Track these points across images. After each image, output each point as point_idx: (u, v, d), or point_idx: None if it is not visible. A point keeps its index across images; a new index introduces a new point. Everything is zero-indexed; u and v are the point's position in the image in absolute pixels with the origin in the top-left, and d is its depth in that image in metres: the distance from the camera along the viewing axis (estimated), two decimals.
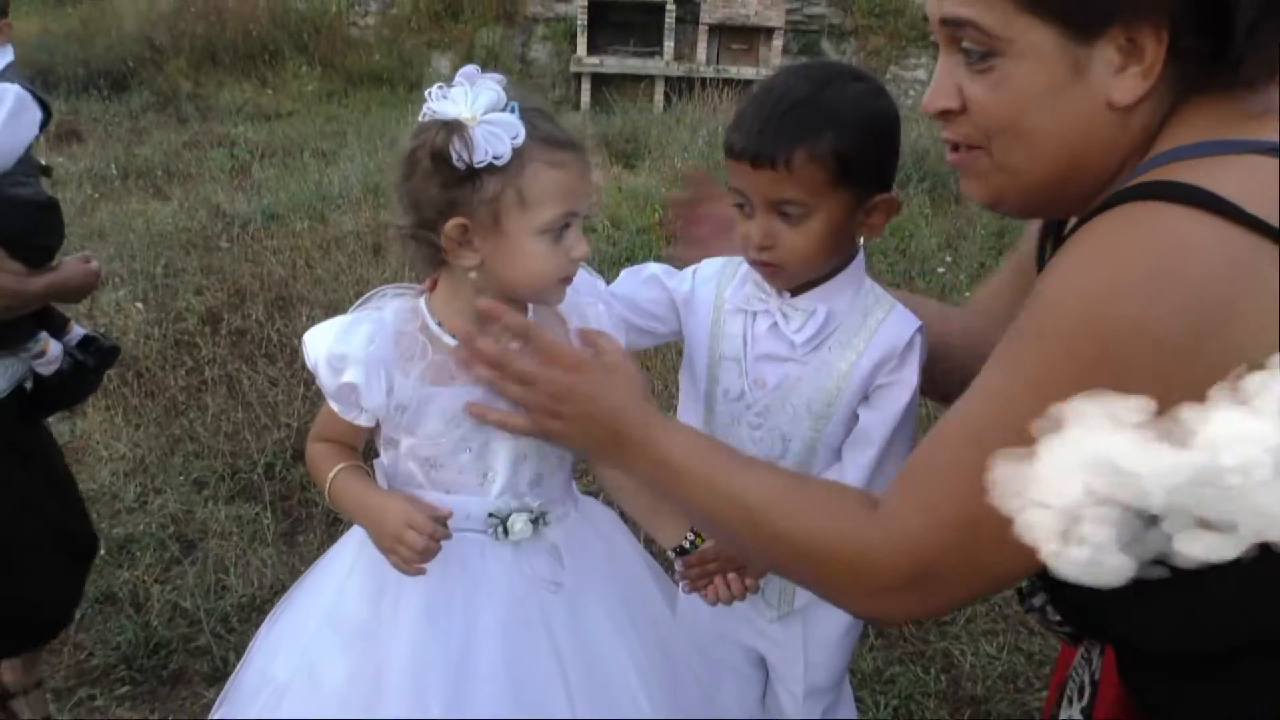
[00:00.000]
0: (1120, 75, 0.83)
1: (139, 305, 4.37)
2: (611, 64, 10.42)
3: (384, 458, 1.34)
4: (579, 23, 10.43)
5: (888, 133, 1.30)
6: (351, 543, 1.38)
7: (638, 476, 1.11)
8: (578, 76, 10.47)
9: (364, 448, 1.38)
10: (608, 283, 1.45)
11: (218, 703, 1.43)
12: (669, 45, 10.48)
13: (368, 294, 1.32)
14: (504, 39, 10.70)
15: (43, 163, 2.10)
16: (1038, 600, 0.97)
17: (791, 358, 1.38)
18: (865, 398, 1.37)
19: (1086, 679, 1.04)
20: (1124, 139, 0.86)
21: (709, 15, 10.37)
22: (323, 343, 1.23)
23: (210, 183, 6.46)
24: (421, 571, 1.22)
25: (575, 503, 1.42)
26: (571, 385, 1.10)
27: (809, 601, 1.49)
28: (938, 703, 2.39)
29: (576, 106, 10.23)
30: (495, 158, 1.11)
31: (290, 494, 3.13)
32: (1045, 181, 0.90)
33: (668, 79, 10.25)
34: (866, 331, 1.35)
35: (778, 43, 10.37)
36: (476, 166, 1.12)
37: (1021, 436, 0.71)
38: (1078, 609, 0.92)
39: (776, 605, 1.50)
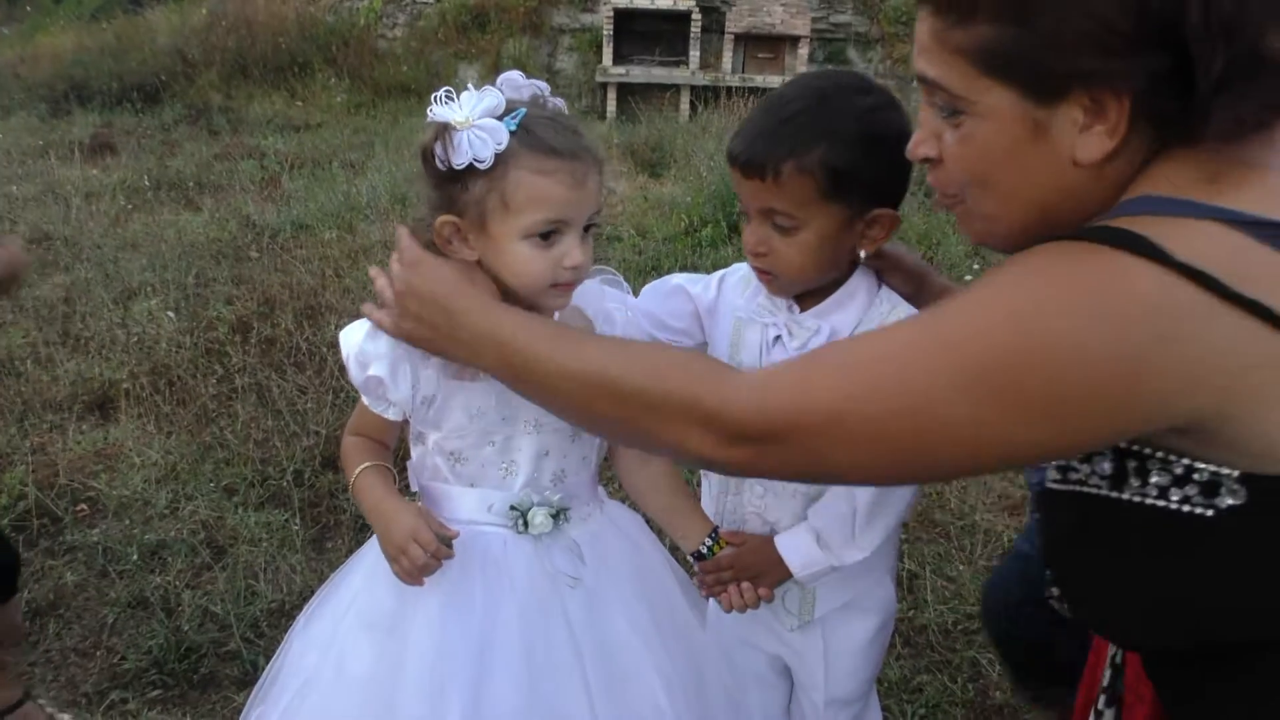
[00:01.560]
0: (1085, 134, 0.83)
1: (170, 314, 4.42)
2: (637, 73, 10.46)
3: (413, 453, 1.37)
4: (605, 33, 10.49)
5: (889, 148, 1.23)
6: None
7: (487, 369, 1.11)
8: (604, 86, 10.51)
9: (398, 449, 1.40)
10: (634, 293, 1.46)
11: (253, 699, 1.45)
12: (694, 54, 10.51)
13: None
14: (530, 49, 10.77)
15: None
16: (1056, 590, 0.98)
17: None
18: None
19: (1112, 687, 1.04)
20: (1097, 190, 0.86)
21: (734, 24, 10.39)
22: (354, 338, 1.27)
23: (240, 194, 6.54)
24: (419, 584, 1.24)
25: (601, 505, 1.43)
26: (406, 285, 1.15)
27: (830, 610, 1.48)
28: (965, 712, 2.37)
29: (602, 116, 10.27)
30: (477, 161, 1.14)
31: (319, 500, 3.15)
32: (1021, 229, 0.92)
33: (693, 88, 10.28)
34: None
35: (803, 51, 10.38)
36: (456, 169, 1.16)
37: (916, 375, 0.81)
38: (1081, 602, 0.92)
39: (797, 613, 1.50)
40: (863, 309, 1.34)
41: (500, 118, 1.16)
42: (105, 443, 3.47)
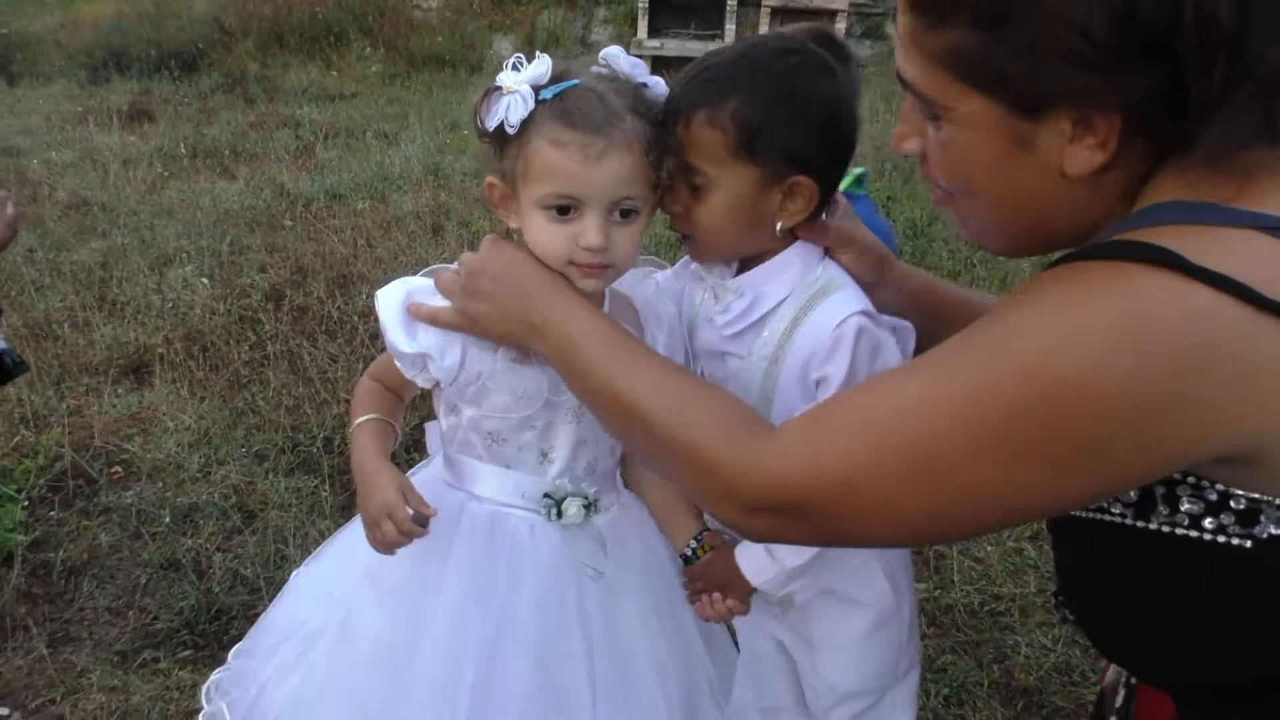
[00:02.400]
0: (1074, 146, 0.78)
1: (205, 281, 4.47)
2: (672, 47, 10.38)
3: (442, 422, 1.35)
4: (640, 5, 10.41)
5: (813, 113, 1.19)
6: None
7: (545, 357, 1.12)
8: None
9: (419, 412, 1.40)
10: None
11: (239, 647, 1.45)
12: (730, 28, 10.41)
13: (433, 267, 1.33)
14: (565, 22, 10.71)
15: None
16: (1071, 616, 0.94)
17: (726, 351, 1.31)
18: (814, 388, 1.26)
19: (1124, 684, 1.01)
20: (1094, 201, 0.81)
21: None
22: (395, 301, 1.24)
23: (275, 163, 6.57)
24: (391, 554, 1.24)
25: (618, 495, 1.42)
26: (480, 263, 1.16)
27: (809, 598, 1.43)
28: (990, 693, 2.36)
29: None
30: (507, 125, 1.14)
31: (349, 468, 3.14)
32: (1015, 236, 0.88)
33: None
34: (799, 319, 1.26)
35: (841, 25, 10.25)
36: (488, 129, 1.16)
37: (930, 442, 0.74)
38: (1104, 638, 0.88)
39: (779, 601, 1.45)
40: (794, 281, 1.27)
41: (545, 86, 1.15)
42: (140, 406, 3.51)
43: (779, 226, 1.24)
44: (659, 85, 1.22)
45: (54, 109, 8.02)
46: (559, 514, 1.30)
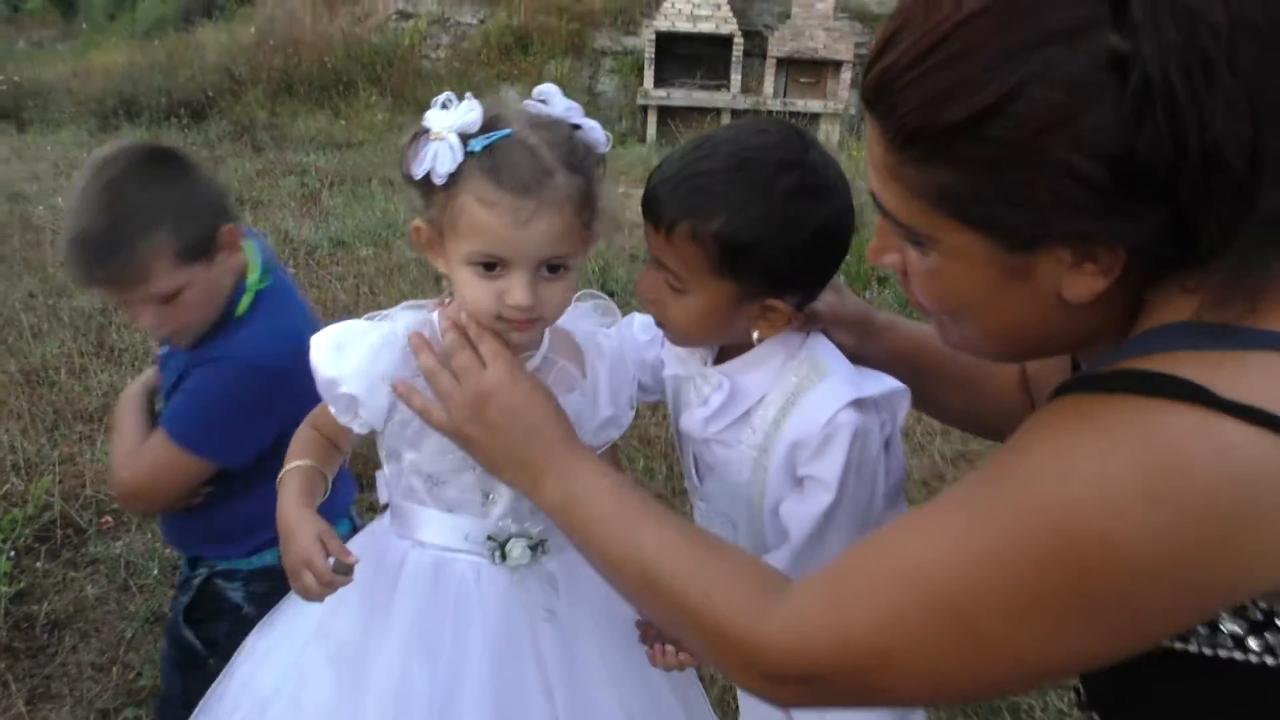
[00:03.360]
0: (1075, 272, 0.73)
1: None
2: (678, 96, 10.47)
3: (386, 469, 1.32)
4: (646, 56, 10.51)
5: (803, 240, 1.11)
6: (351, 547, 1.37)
7: (542, 506, 1.05)
8: (644, 109, 10.52)
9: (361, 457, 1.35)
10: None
11: (196, 711, 1.40)
12: (736, 79, 10.50)
13: (412, 302, 1.30)
14: (572, 71, 10.82)
15: None
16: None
17: (710, 437, 1.26)
18: (799, 485, 1.20)
19: None
20: (1092, 316, 0.76)
21: (777, 49, 10.37)
22: (325, 346, 1.21)
23: (280, 210, 6.59)
24: (319, 601, 1.19)
25: None
26: (495, 389, 1.09)
27: None
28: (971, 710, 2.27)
29: (643, 139, 10.28)
30: (436, 176, 1.10)
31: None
32: (1005, 350, 0.84)
33: (734, 112, 10.26)
34: (787, 409, 1.19)
35: (846, 76, 10.33)
36: (411, 177, 1.11)
37: (959, 603, 0.70)
38: None
39: None
40: (778, 370, 1.21)
41: (476, 135, 1.10)
42: None
43: (755, 336, 1.20)
44: (594, 130, 1.18)
45: (62, 155, 8.09)
46: (503, 556, 1.26)
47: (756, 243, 1.10)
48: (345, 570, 1.17)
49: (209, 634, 1.77)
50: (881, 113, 0.75)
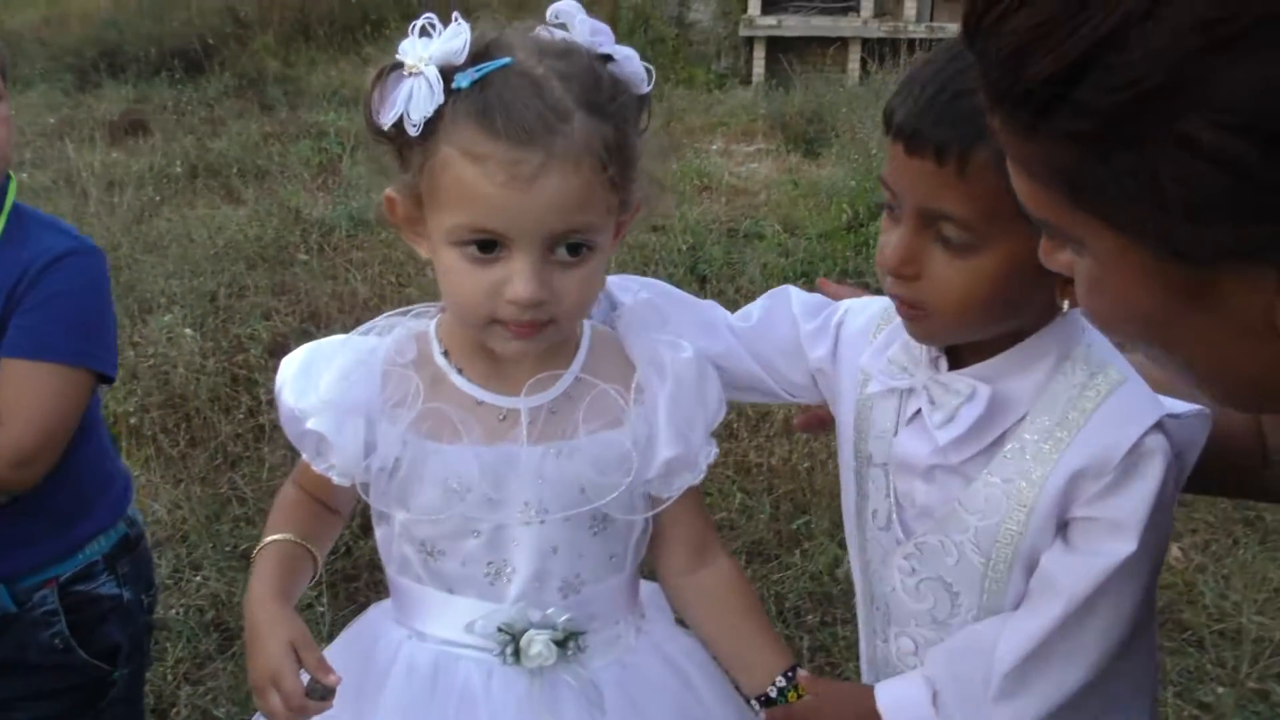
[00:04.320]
0: None
1: (189, 332, 4.51)
2: (793, 24, 10.36)
3: (377, 534, 1.30)
4: None
5: None
6: (339, 644, 1.36)
7: None
8: (749, 41, 10.44)
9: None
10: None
11: None
12: (868, 1, 10.35)
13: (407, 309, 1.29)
14: None
15: None
16: None
17: (942, 464, 1.18)
18: (1063, 530, 1.14)
19: None
20: None
21: None
22: (295, 369, 1.21)
23: (291, 182, 6.71)
24: None
25: (639, 623, 1.32)
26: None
27: None
28: None
29: (747, 79, 10.19)
30: (409, 124, 1.04)
31: (356, 573, 3.13)
32: (1234, 398, 0.79)
33: (865, 41, 10.11)
34: (1068, 426, 1.12)
35: None
36: (379, 125, 1.07)
37: None
38: None
39: None
40: (1044, 380, 1.14)
41: (462, 67, 1.05)
42: None
43: (1064, 307, 1.11)
44: (630, 60, 1.13)
45: (31, 120, 8.34)
46: (517, 654, 1.20)
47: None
48: (323, 694, 1.13)
49: (103, 646, 1.82)
50: (977, 57, 0.70)
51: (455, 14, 1.08)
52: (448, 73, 1.05)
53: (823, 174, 6.81)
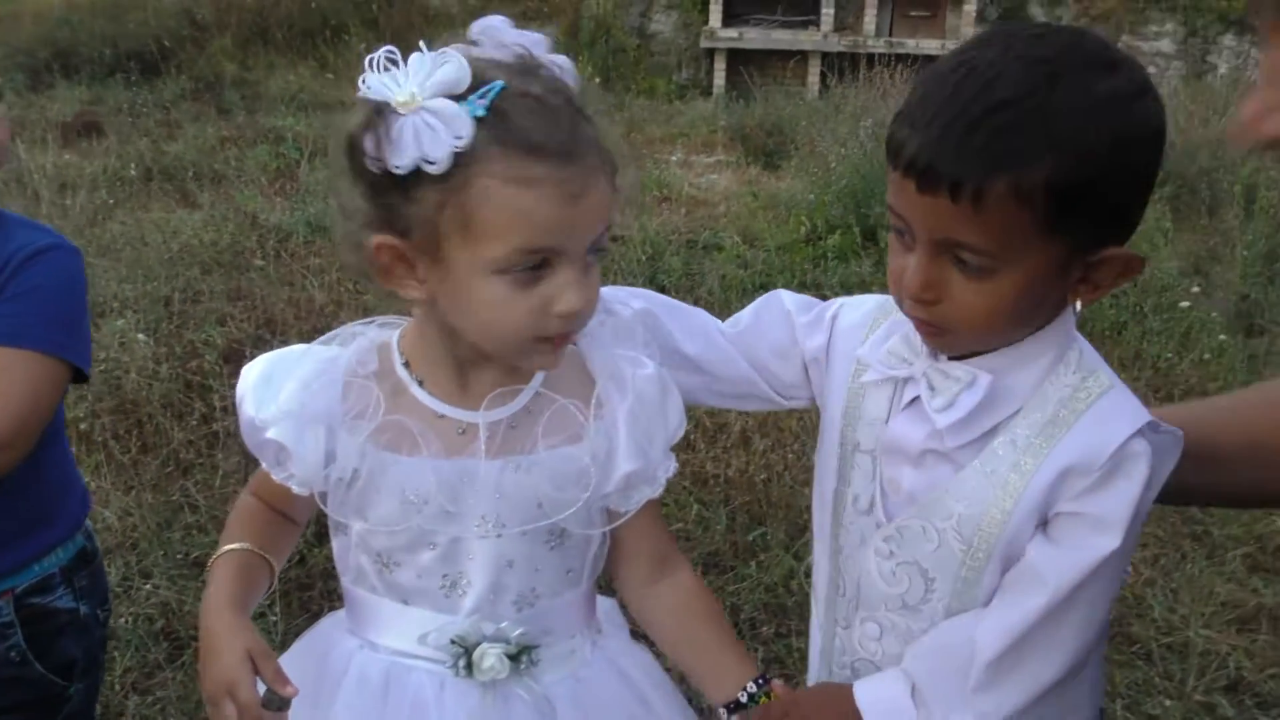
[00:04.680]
0: None
1: (142, 337, 4.47)
2: (753, 37, 10.41)
3: (334, 545, 1.29)
4: None
5: (1144, 156, 1.08)
6: (291, 654, 1.34)
7: None
8: (710, 53, 10.49)
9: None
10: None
11: None
12: (828, 13, 10.42)
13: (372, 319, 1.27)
14: (618, 7, 10.82)
15: None
16: None
17: (935, 450, 1.20)
18: (1045, 526, 1.16)
19: None
20: None
21: None
22: (255, 378, 1.20)
23: (248, 187, 6.67)
24: None
25: (594, 637, 1.32)
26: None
27: None
28: None
29: (708, 91, 10.24)
30: (428, 163, 1.02)
31: (310, 582, 3.10)
32: None
33: (825, 55, 10.18)
34: (1059, 423, 1.15)
35: (970, 8, 10.19)
36: (395, 171, 1.03)
37: None
38: None
39: None
40: (1040, 378, 1.17)
41: (462, 96, 1.03)
42: None
43: (1077, 307, 1.16)
44: (565, 61, 1.14)
45: None
46: (469, 667, 1.21)
47: (1097, 178, 1.05)
48: (280, 705, 1.12)
49: (59, 660, 1.81)
50: None
51: (422, 44, 1.07)
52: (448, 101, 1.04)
53: (782, 186, 6.85)
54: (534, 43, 1.11)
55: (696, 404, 1.39)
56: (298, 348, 1.22)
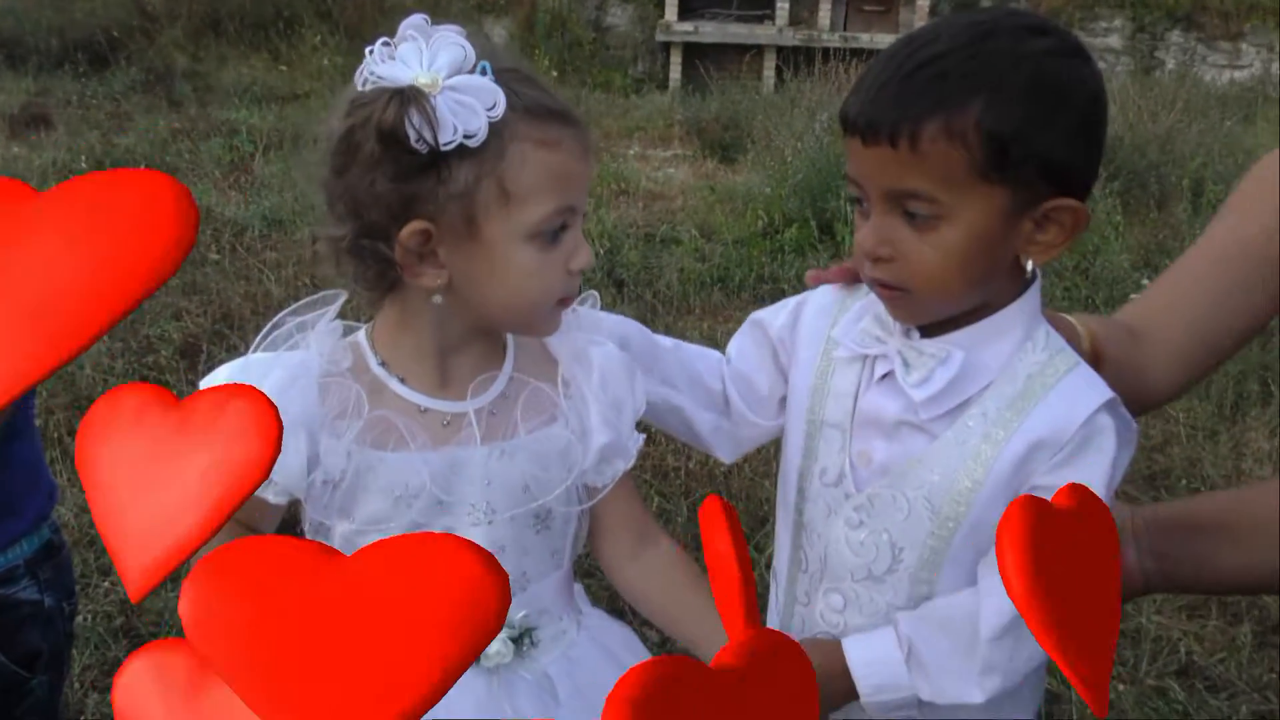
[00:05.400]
0: None
1: None
2: (709, 31, 10.43)
3: None
4: None
5: (1080, 110, 1.14)
6: None
7: None
8: (666, 46, 10.50)
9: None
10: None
11: None
12: (783, 7, 10.46)
13: (277, 318, 1.24)
14: (573, 2, 10.80)
15: None
16: None
17: (909, 422, 1.24)
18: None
19: None
20: None
21: None
22: (226, 381, 1.17)
23: (201, 180, 6.60)
24: None
25: (579, 617, 1.34)
26: None
27: None
28: None
29: (664, 84, 10.24)
30: (467, 136, 1.05)
31: None
32: None
33: (780, 49, 10.22)
34: (1029, 397, 1.19)
35: (924, 3, 10.26)
36: (443, 149, 1.05)
37: None
38: None
39: None
40: (1009, 353, 1.22)
41: (469, 73, 1.07)
42: None
43: (1029, 265, 1.21)
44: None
45: None
46: None
47: (1027, 123, 1.10)
48: None
49: (22, 651, 1.80)
50: None
51: (410, 30, 1.08)
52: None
53: (738, 180, 6.87)
54: (457, 32, 1.13)
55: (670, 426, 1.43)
56: (265, 355, 1.20)
